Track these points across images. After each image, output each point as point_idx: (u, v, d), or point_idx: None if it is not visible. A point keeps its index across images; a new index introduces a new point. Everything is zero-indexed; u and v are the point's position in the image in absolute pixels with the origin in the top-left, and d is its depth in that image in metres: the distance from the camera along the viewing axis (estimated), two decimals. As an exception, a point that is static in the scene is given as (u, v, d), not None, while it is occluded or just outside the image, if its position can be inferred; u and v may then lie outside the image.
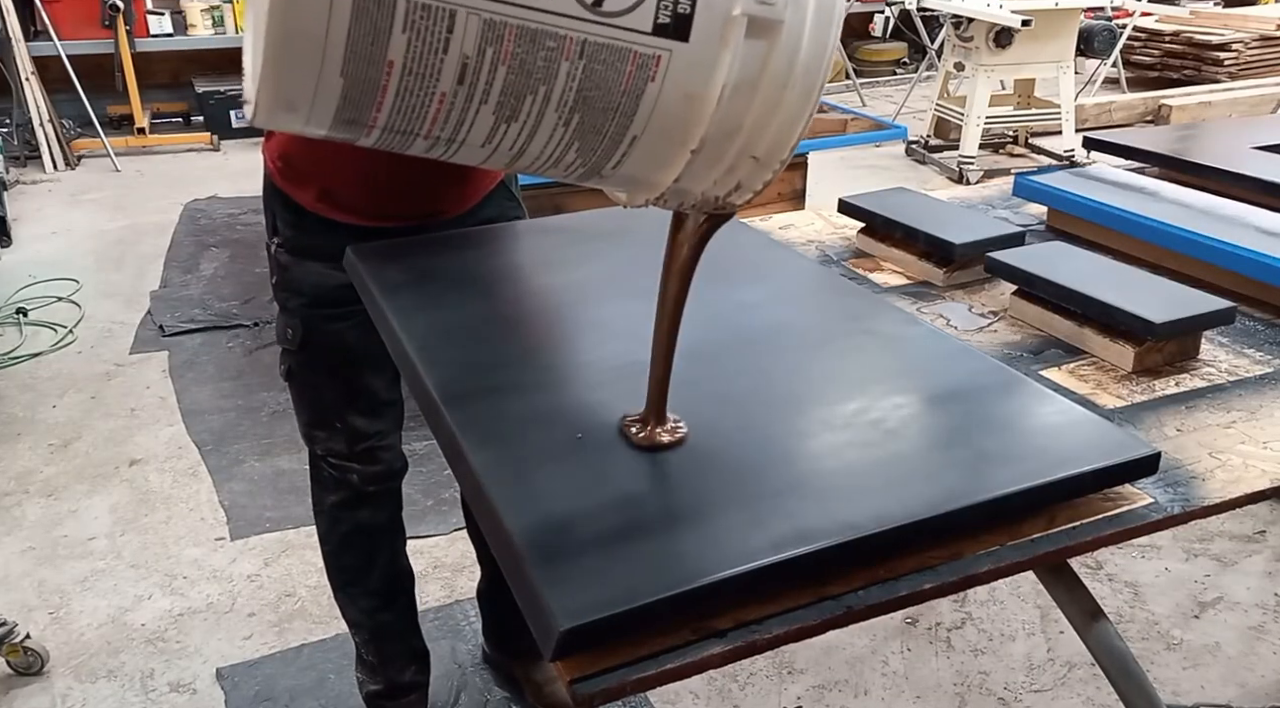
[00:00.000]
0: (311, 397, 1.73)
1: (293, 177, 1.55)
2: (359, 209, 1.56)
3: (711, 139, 0.78)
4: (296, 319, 1.64)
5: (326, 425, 1.73)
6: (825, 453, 1.03)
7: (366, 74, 0.70)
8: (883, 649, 2.15)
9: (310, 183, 1.54)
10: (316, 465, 1.78)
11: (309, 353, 1.67)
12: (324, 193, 1.55)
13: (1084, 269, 1.44)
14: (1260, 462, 1.11)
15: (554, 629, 0.78)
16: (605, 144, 0.78)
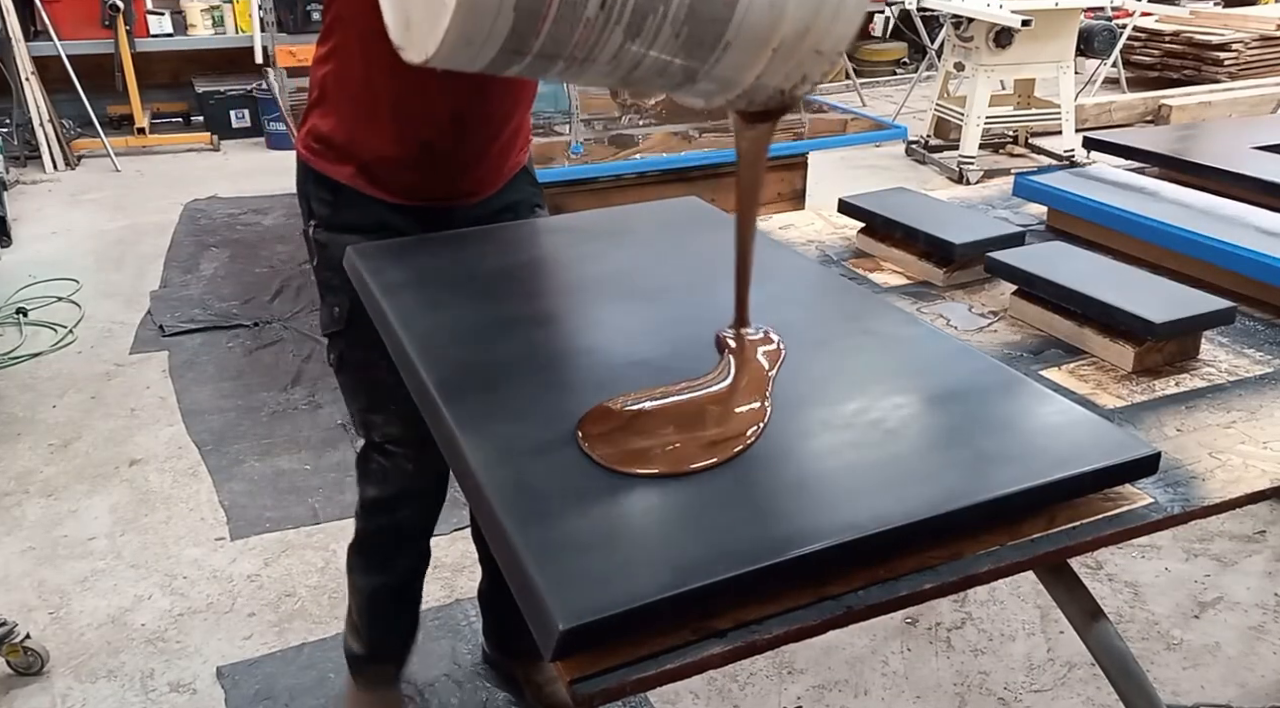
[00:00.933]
0: (364, 379, 1.70)
1: (330, 156, 1.58)
2: (393, 187, 1.59)
3: (787, 39, 0.93)
4: (342, 295, 1.62)
5: (382, 408, 1.69)
6: (825, 453, 1.03)
7: (532, 6, 0.83)
8: (883, 649, 2.15)
9: (348, 161, 1.57)
10: (367, 458, 1.75)
11: (358, 330, 1.62)
12: (361, 168, 1.58)
13: (1084, 269, 1.44)
14: (1260, 462, 1.11)
15: (554, 629, 0.78)
16: (704, 51, 0.92)
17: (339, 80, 1.56)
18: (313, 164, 1.60)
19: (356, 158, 1.57)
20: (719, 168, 3.06)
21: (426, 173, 1.60)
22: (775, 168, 3.16)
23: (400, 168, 1.58)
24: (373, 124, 1.54)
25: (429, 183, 1.61)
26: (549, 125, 3.52)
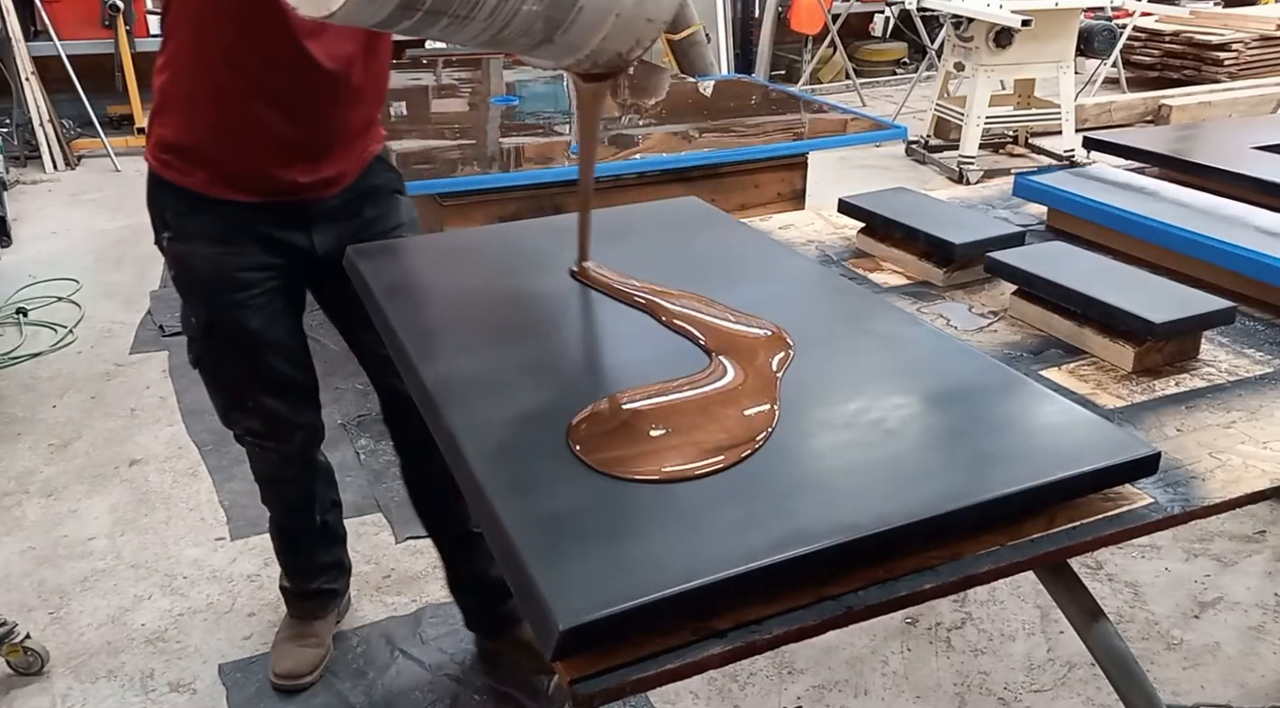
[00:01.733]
0: (222, 381, 1.81)
1: (181, 166, 1.59)
2: (252, 185, 1.60)
3: (627, 6, 1.10)
4: (199, 306, 1.69)
5: (240, 407, 1.82)
6: (825, 452, 1.03)
7: None
8: (883, 649, 2.15)
9: (201, 167, 1.59)
10: (241, 442, 1.91)
11: (214, 339, 1.72)
12: (216, 175, 1.59)
13: (1084, 269, 1.44)
14: (1260, 462, 1.11)
15: (554, 629, 0.78)
16: (560, 14, 1.07)
17: (180, 85, 1.57)
18: (163, 174, 1.61)
19: (209, 161, 1.58)
20: (719, 168, 3.06)
21: (285, 166, 1.60)
22: (775, 168, 3.16)
23: (258, 165, 1.59)
24: (220, 123, 1.56)
25: (288, 175, 1.61)
26: (549, 125, 3.52)
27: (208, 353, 1.76)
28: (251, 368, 1.76)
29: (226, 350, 1.74)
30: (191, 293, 1.70)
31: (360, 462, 2.81)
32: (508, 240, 1.61)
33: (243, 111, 1.54)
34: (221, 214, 1.62)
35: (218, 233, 1.63)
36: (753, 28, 7.63)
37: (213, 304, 1.69)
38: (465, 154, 3.15)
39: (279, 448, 1.88)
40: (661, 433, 1.04)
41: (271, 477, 1.98)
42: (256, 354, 1.74)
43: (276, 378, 1.78)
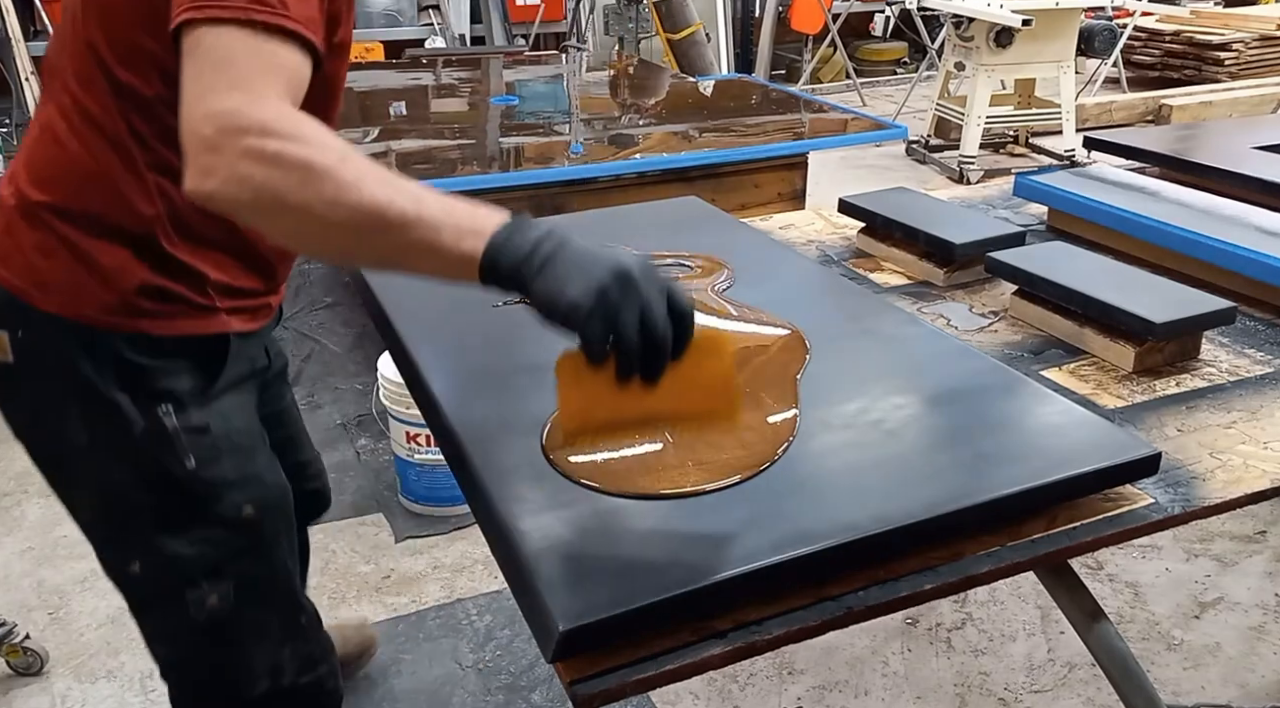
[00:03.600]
0: (275, 597, 1.25)
1: (192, 309, 1.13)
2: (260, 307, 1.22)
3: None
4: (245, 488, 1.18)
5: (294, 629, 1.27)
6: (825, 453, 1.02)
7: None
8: (883, 650, 2.15)
9: (213, 304, 1.14)
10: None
11: (264, 526, 1.20)
12: (236, 304, 1.17)
13: (1084, 269, 1.44)
14: (1261, 462, 1.11)
15: (554, 631, 0.78)
16: None
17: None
18: (153, 330, 1.11)
19: (224, 293, 1.15)
20: (719, 168, 3.06)
21: (282, 270, 1.25)
22: (775, 168, 3.16)
23: (267, 276, 1.22)
24: (244, 237, 1.15)
25: (275, 279, 1.25)
26: (549, 125, 3.52)
27: (261, 547, 1.21)
28: (291, 545, 1.27)
29: (276, 539, 1.22)
30: (233, 476, 1.17)
31: (360, 461, 2.81)
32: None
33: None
34: (241, 349, 1.20)
35: (236, 376, 1.20)
36: (753, 27, 7.63)
37: (262, 470, 1.21)
38: (465, 154, 3.15)
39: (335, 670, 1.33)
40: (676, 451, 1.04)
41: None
42: (292, 521, 1.27)
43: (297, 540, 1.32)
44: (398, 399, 2.44)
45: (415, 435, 2.47)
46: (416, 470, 2.53)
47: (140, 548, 1.15)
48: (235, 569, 1.17)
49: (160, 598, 1.17)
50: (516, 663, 2.10)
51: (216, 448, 1.14)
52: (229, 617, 1.17)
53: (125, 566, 1.17)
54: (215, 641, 1.19)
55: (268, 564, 1.21)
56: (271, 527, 1.20)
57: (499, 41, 6.50)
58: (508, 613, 2.20)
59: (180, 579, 1.15)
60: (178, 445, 1.11)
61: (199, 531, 1.15)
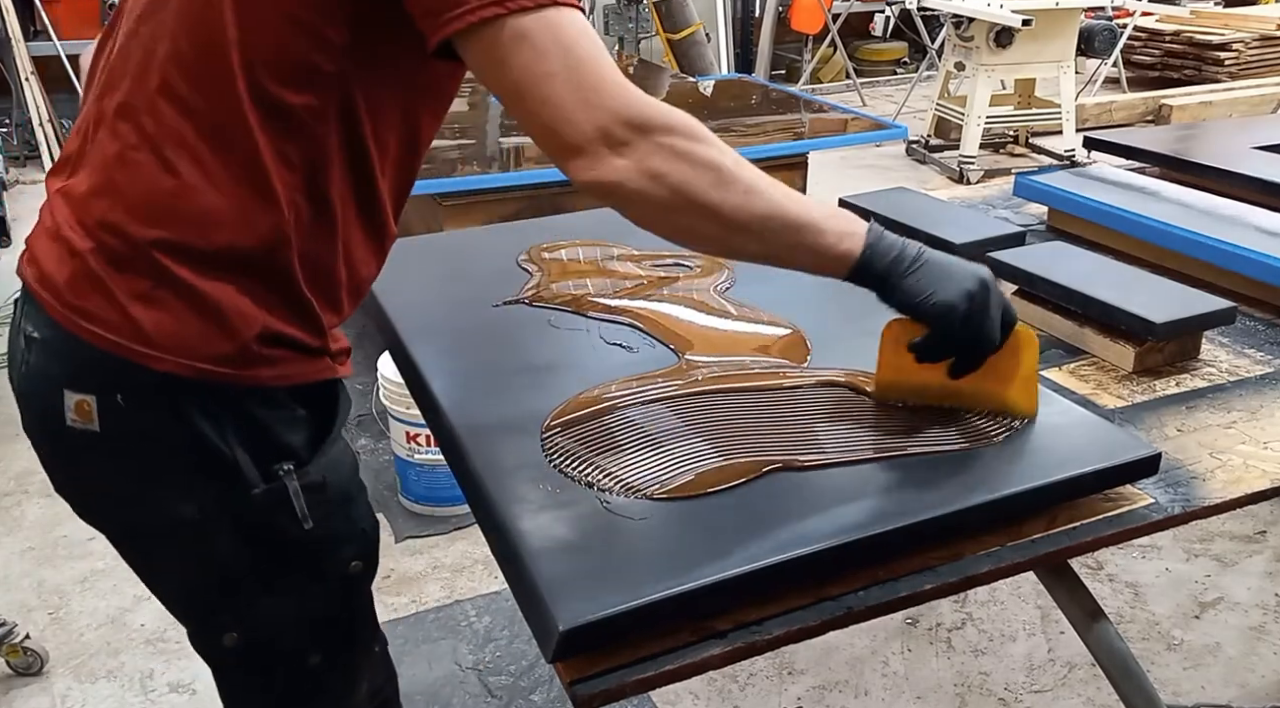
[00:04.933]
0: (367, 631, 1.19)
1: (301, 354, 1.00)
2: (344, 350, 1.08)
3: None
4: (361, 537, 1.10)
5: (372, 661, 1.21)
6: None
7: None
8: (883, 650, 2.15)
9: (322, 347, 1.02)
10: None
11: (371, 566, 1.13)
12: (337, 348, 1.05)
13: (1084, 269, 1.44)
14: (1261, 462, 1.11)
15: (554, 630, 0.78)
16: None
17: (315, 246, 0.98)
18: (270, 381, 0.98)
19: (327, 345, 1.03)
20: (719, 168, 3.05)
21: (349, 305, 1.09)
22: (775, 168, 3.16)
23: (339, 316, 1.07)
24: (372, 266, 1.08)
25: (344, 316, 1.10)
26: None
27: (350, 614, 1.13)
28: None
29: (368, 584, 1.14)
30: (342, 523, 1.07)
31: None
32: (509, 241, 1.60)
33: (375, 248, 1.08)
34: (341, 393, 1.09)
35: (341, 424, 1.09)
36: (753, 27, 7.63)
37: (365, 520, 1.11)
38: (465, 154, 3.15)
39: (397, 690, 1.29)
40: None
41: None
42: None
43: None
44: (397, 399, 2.44)
45: (415, 435, 2.47)
46: (416, 470, 2.53)
47: (239, 614, 1.04)
48: (335, 624, 1.10)
49: (258, 660, 1.08)
50: (516, 664, 2.10)
51: (330, 504, 1.03)
52: (326, 672, 1.11)
53: (217, 635, 1.05)
54: (309, 696, 1.12)
55: (361, 611, 1.15)
56: (369, 573, 1.13)
57: (499, 41, 6.49)
58: (508, 613, 2.20)
59: (284, 640, 1.07)
60: (297, 506, 1.00)
61: (306, 590, 1.05)
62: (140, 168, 0.92)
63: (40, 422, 1.01)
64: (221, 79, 0.89)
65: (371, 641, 1.19)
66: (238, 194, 0.91)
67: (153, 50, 0.93)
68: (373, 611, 1.17)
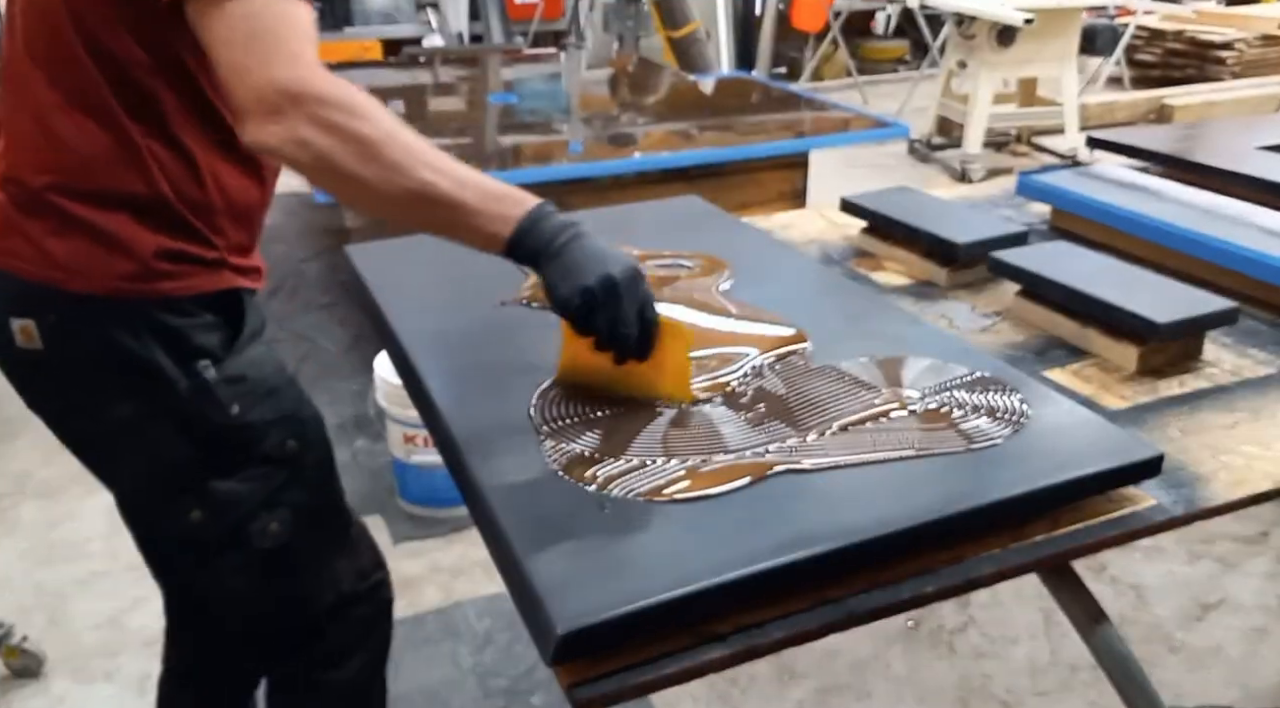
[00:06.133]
0: (327, 518, 1.35)
1: (200, 269, 1.16)
2: (252, 262, 1.27)
3: None
4: (291, 421, 1.26)
5: (344, 545, 1.38)
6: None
7: None
8: (885, 653, 2.14)
9: (220, 260, 1.19)
10: (343, 617, 1.39)
11: (312, 446, 1.30)
12: (236, 260, 1.22)
13: (1087, 269, 1.43)
14: (1264, 463, 1.10)
15: (553, 634, 0.78)
16: None
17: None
18: (175, 292, 1.14)
19: (228, 250, 1.20)
20: (720, 166, 3.05)
21: (257, 227, 1.29)
22: (776, 166, 3.15)
23: (248, 236, 1.26)
24: (261, 195, 1.25)
25: (255, 238, 1.30)
26: (548, 123, 3.51)
27: (312, 485, 1.30)
28: (332, 467, 1.38)
29: (318, 465, 1.32)
30: (270, 410, 1.23)
31: (357, 462, 2.80)
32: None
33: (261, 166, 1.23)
34: (249, 308, 1.26)
35: (254, 329, 1.26)
36: (754, 25, 7.62)
37: (297, 406, 1.28)
38: (463, 153, 3.14)
39: (387, 584, 1.47)
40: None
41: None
42: (329, 444, 1.36)
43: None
44: (395, 400, 2.43)
45: (413, 437, 2.46)
46: (414, 472, 2.52)
47: (197, 496, 1.20)
48: (288, 498, 1.25)
49: (226, 536, 1.23)
50: (516, 667, 2.09)
51: (253, 393, 1.20)
52: (289, 543, 1.25)
53: (184, 516, 1.20)
54: (280, 566, 1.27)
55: (315, 490, 1.30)
56: (313, 455, 1.29)
57: (498, 39, 6.49)
58: (507, 616, 2.19)
59: (241, 514, 1.22)
60: (220, 396, 1.17)
61: (249, 470, 1.21)
62: (25, 129, 1.10)
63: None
64: (67, 46, 1.06)
65: (338, 521, 1.36)
66: (103, 143, 1.08)
67: (15, 21, 1.09)
68: (335, 493, 1.35)
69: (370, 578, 1.42)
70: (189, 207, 1.13)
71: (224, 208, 1.17)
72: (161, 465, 1.19)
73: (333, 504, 1.37)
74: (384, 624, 1.48)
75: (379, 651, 1.48)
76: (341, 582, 1.36)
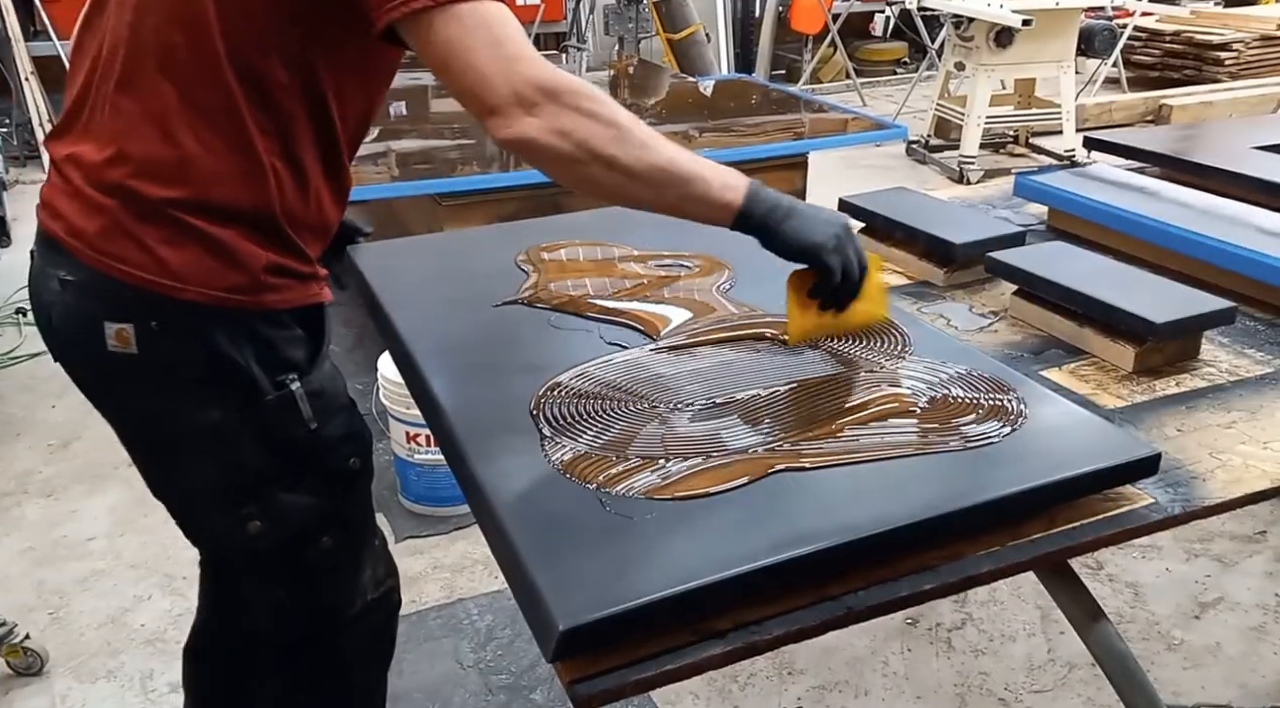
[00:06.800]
0: (367, 524, 1.40)
1: (295, 281, 1.19)
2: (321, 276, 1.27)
3: None
4: (356, 438, 1.29)
5: (370, 549, 1.41)
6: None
7: None
8: (883, 650, 2.15)
9: (314, 275, 1.23)
10: (361, 627, 1.41)
11: (368, 464, 1.33)
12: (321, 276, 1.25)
13: (1085, 269, 1.44)
14: (1261, 462, 1.11)
15: (554, 629, 0.78)
16: None
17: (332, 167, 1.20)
18: (275, 304, 1.18)
19: (314, 269, 1.23)
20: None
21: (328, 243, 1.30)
22: (775, 167, 3.16)
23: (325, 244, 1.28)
24: (321, 207, 1.23)
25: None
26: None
27: (357, 499, 1.34)
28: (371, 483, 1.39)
29: (367, 482, 1.35)
30: (341, 426, 1.26)
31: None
32: (509, 240, 1.60)
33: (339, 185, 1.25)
34: (324, 317, 1.28)
35: (327, 344, 1.28)
36: (753, 27, 7.63)
37: (361, 425, 1.31)
38: (464, 154, 3.15)
39: (396, 581, 1.50)
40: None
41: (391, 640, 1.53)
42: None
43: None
44: (397, 399, 2.44)
45: (415, 435, 2.47)
46: (416, 471, 2.53)
47: (262, 506, 1.22)
48: (343, 514, 1.29)
49: (279, 548, 1.25)
50: (517, 663, 2.10)
51: (329, 409, 1.24)
52: (335, 554, 1.29)
53: (243, 526, 1.22)
54: (325, 578, 1.31)
55: (362, 505, 1.36)
56: (367, 473, 1.33)
57: (499, 41, 6.48)
58: (508, 613, 2.20)
59: (300, 527, 1.25)
60: (302, 409, 1.20)
61: (315, 482, 1.24)
62: (147, 140, 1.09)
63: (83, 351, 1.18)
64: (212, 64, 1.06)
65: (370, 533, 1.41)
66: (229, 160, 1.09)
67: (143, 31, 1.08)
68: (371, 508, 1.40)
69: (384, 585, 1.44)
70: (293, 223, 1.16)
71: (318, 225, 1.21)
72: (235, 473, 1.20)
73: (371, 521, 1.41)
74: (392, 628, 1.50)
75: (386, 654, 1.51)
76: (367, 592, 1.39)
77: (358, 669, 1.44)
